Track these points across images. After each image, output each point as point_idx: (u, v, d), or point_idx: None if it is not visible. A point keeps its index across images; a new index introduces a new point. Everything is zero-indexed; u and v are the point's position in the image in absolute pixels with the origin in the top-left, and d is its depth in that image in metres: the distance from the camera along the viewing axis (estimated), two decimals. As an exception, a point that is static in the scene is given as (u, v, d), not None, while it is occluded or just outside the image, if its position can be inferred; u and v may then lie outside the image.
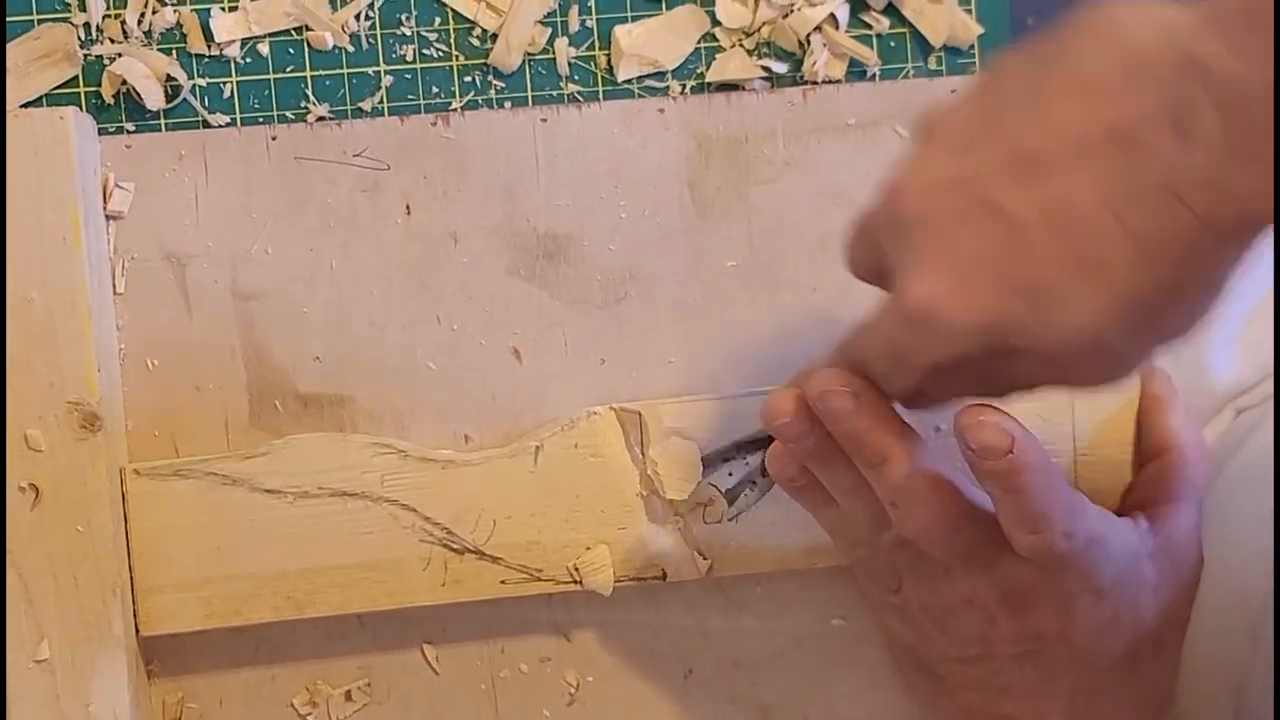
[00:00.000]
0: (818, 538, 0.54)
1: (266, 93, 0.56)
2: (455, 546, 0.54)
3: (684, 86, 0.58)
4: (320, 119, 0.56)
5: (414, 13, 0.57)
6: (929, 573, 0.51)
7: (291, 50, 0.56)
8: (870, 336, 0.46)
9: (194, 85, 0.56)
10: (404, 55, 0.57)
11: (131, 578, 0.53)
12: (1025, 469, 0.45)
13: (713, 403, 0.55)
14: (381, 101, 0.57)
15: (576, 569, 0.54)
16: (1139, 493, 0.55)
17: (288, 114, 0.56)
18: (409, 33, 0.57)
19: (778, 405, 0.49)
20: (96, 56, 0.55)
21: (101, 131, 0.55)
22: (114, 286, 0.54)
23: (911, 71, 0.59)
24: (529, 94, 0.57)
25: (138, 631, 0.53)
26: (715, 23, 0.58)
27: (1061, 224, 0.39)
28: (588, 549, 0.54)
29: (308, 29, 0.56)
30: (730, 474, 0.54)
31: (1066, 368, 0.42)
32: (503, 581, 0.54)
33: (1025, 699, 0.52)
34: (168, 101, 0.55)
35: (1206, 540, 0.54)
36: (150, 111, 0.55)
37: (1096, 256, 0.39)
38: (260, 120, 0.56)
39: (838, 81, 0.58)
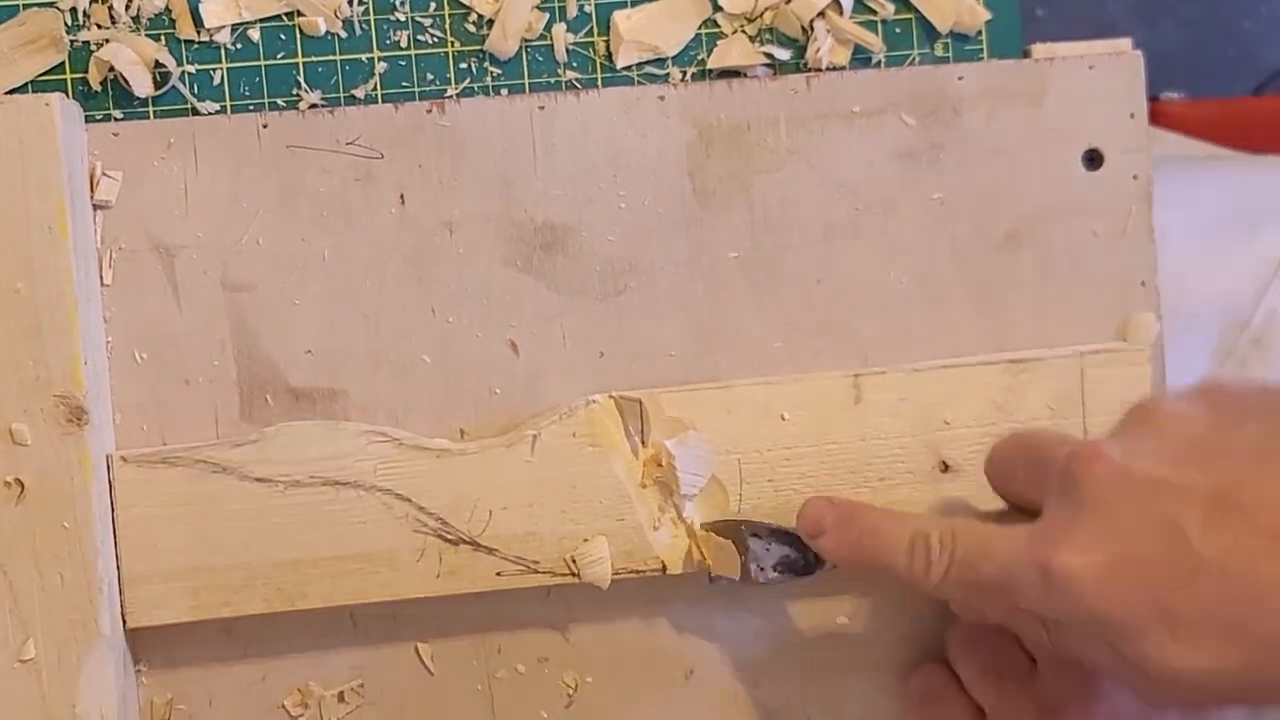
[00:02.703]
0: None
1: (257, 79, 0.55)
2: (450, 537, 0.53)
3: (685, 73, 0.57)
4: (312, 106, 0.55)
5: (408, -2, 0.56)
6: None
7: (283, 36, 0.55)
8: (982, 558, 0.47)
9: (183, 72, 0.55)
10: (398, 41, 0.56)
11: (119, 568, 0.52)
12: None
13: (714, 392, 0.54)
14: (375, 89, 0.56)
15: (574, 561, 0.53)
16: None
17: (279, 101, 0.55)
18: (403, 18, 0.56)
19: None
20: (83, 43, 0.54)
21: (88, 119, 0.54)
22: (101, 277, 0.53)
23: (917, 58, 0.58)
24: (526, 81, 0.57)
25: (124, 622, 0.52)
26: (716, 8, 0.57)
27: (1234, 578, 0.42)
28: (585, 540, 0.53)
29: (299, 14, 0.55)
30: (768, 548, 0.53)
31: (1143, 685, 0.44)
32: (498, 573, 0.53)
33: None
34: (156, 88, 0.55)
35: None
36: (138, 99, 0.55)
37: (1247, 622, 0.41)
38: (251, 108, 0.55)
39: (842, 68, 0.57)
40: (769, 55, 0.57)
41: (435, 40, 0.56)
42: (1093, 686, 0.50)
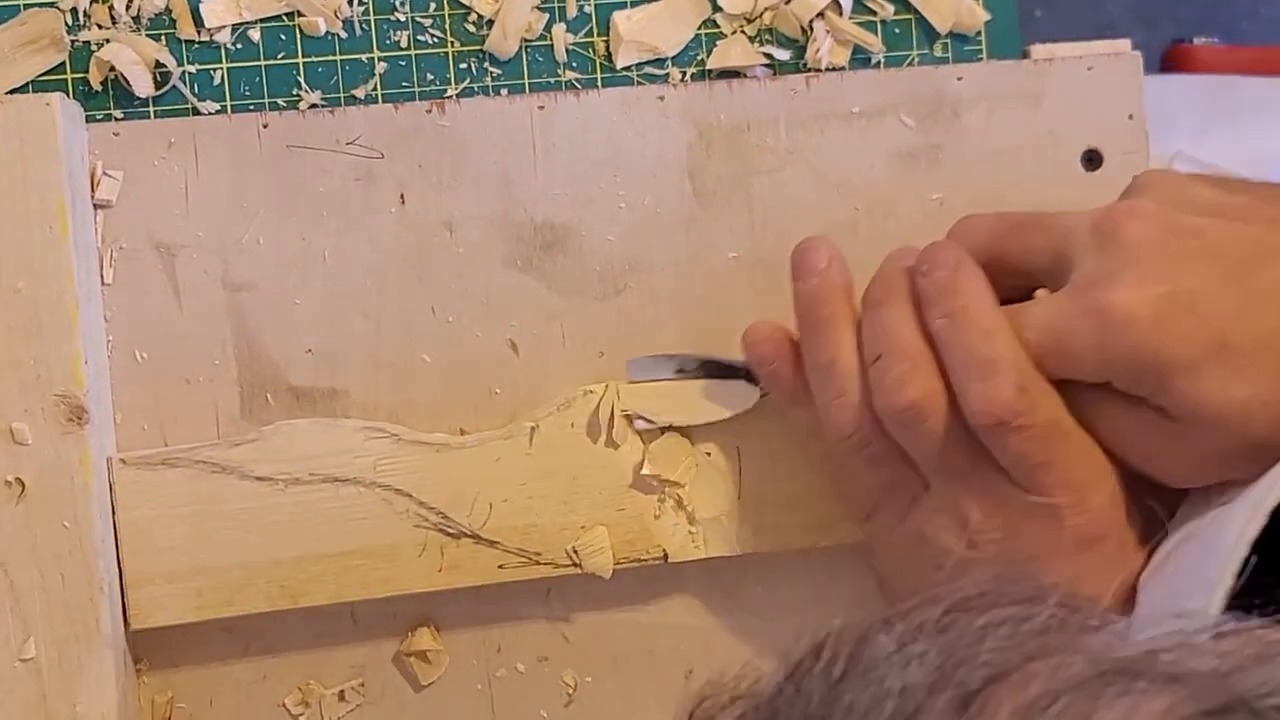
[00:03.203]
0: (818, 515, 0.54)
1: (258, 79, 0.55)
2: (451, 531, 0.53)
3: (684, 74, 0.57)
4: (313, 106, 0.55)
5: (409, -2, 0.56)
6: (903, 499, 0.50)
7: (283, 36, 0.55)
8: (1024, 323, 0.47)
9: (184, 72, 0.55)
10: (398, 41, 0.56)
11: (120, 570, 0.52)
12: (968, 291, 0.47)
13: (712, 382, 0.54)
14: (375, 89, 0.56)
15: (575, 551, 0.53)
16: None
17: (279, 101, 0.55)
18: (403, 18, 0.56)
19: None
20: (84, 43, 0.54)
21: (89, 119, 0.54)
22: (102, 277, 0.53)
23: (917, 59, 0.58)
24: (526, 81, 0.56)
25: (127, 625, 0.52)
26: (716, 8, 0.57)
27: None
28: (583, 528, 0.53)
29: (300, 14, 0.55)
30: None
31: (1180, 435, 0.45)
32: (500, 566, 0.53)
33: None
34: (157, 88, 0.55)
35: None
36: (139, 99, 0.54)
37: None
38: (251, 108, 0.55)
39: (841, 69, 0.57)
40: (768, 55, 0.57)
41: (435, 40, 0.56)
42: None
